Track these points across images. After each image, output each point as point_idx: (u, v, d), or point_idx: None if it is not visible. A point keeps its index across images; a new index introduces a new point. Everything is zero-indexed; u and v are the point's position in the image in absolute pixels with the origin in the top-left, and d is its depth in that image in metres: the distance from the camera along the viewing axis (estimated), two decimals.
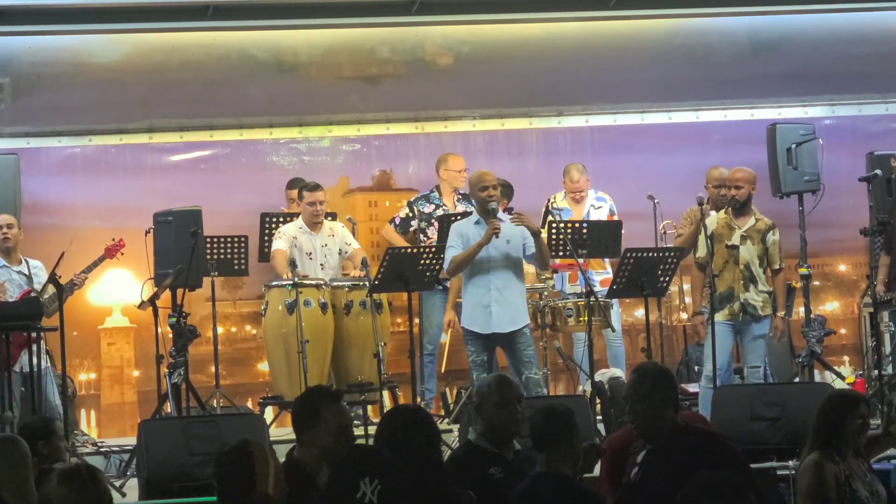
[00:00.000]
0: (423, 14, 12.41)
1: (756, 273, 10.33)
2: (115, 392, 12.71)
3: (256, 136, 13.01)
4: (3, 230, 10.49)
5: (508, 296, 9.71)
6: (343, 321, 10.02)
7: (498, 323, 9.68)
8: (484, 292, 9.68)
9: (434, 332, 11.40)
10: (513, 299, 9.74)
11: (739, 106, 13.35)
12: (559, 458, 5.86)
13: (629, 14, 12.70)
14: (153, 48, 12.45)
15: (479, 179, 9.88)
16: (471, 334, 9.73)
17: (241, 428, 8.83)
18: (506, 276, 9.73)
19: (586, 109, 13.30)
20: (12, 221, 10.62)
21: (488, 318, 9.67)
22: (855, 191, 11.97)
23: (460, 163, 11.78)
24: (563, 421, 5.92)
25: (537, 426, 5.91)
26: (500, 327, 9.68)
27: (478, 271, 9.72)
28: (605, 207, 11.66)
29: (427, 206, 11.71)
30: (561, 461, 5.86)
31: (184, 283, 10.16)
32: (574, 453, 5.91)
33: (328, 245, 10.39)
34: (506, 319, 9.69)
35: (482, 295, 9.69)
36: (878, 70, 13.13)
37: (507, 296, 9.70)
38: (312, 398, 5.69)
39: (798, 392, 9.42)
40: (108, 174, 12.77)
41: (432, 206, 11.71)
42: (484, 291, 9.69)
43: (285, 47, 12.68)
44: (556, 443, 5.86)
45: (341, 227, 10.69)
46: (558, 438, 5.87)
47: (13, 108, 12.31)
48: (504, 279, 9.72)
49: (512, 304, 9.72)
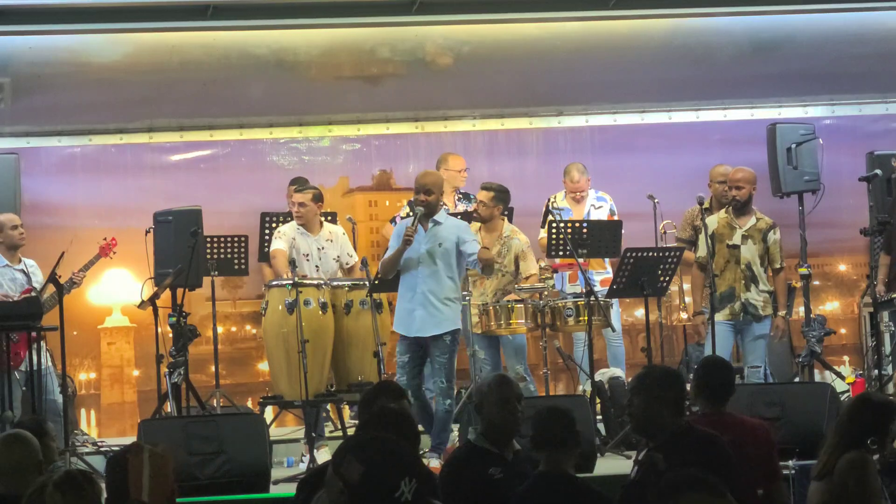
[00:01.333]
0: (423, 14, 12.40)
1: (757, 273, 10.34)
2: (115, 392, 12.71)
3: (256, 135, 13.01)
4: (18, 229, 10.53)
5: (436, 301, 9.49)
6: (343, 321, 10.02)
7: (421, 327, 9.48)
8: (411, 295, 9.51)
9: None
10: (439, 304, 9.49)
11: (739, 106, 13.36)
12: (562, 457, 5.87)
13: (629, 14, 12.70)
14: (153, 48, 12.45)
15: (416, 180, 9.68)
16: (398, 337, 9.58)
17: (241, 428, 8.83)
18: (434, 280, 9.49)
19: (586, 109, 13.30)
20: (20, 221, 10.68)
21: (412, 323, 9.50)
22: (855, 191, 11.98)
23: (461, 162, 11.77)
24: (567, 421, 5.94)
25: (540, 426, 5.92)
26: (422, 331, 9.47)
27: (408, 274, 9.54)
28: (606, 207, 11.66)
29: None
30: (564, 460, 5.88)
31: (184, 282, 10.16)
32: (577, 452, 5.93)
33: (325, 248, 10.35)
34: (430, 325, 9.49)
35: (409, 298, 9.53)
36: (878, 70, 13.13)
37: (433, 300, 9.49)
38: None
39: (798, 392, 9.42)
40: (108, 174, 12.78)
41: None
42: (410, 295, 9.52)
43: (285, 47, 12.68)
44: (560, 443, 5.88)
45: (342, 234, 10.66)
46: (561, 438, 5.88)
47: (13, 108, 12.31)
48: (433, 284, 9.49)
49: (437, 310, 9.47)
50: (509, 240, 10.82)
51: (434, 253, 9.51)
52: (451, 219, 9.87)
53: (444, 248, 9.53)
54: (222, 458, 8.56)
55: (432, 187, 9.60)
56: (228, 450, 8.57)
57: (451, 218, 9.89)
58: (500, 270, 10.75)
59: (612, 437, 9.91)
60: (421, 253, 9.51)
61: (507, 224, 10.91)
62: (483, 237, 10.80)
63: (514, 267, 10.78)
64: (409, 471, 4.06)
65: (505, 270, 10.78)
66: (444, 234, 9.57)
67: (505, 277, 10.76)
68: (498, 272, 10.72)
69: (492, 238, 10.82)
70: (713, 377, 6.56)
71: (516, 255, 10.78)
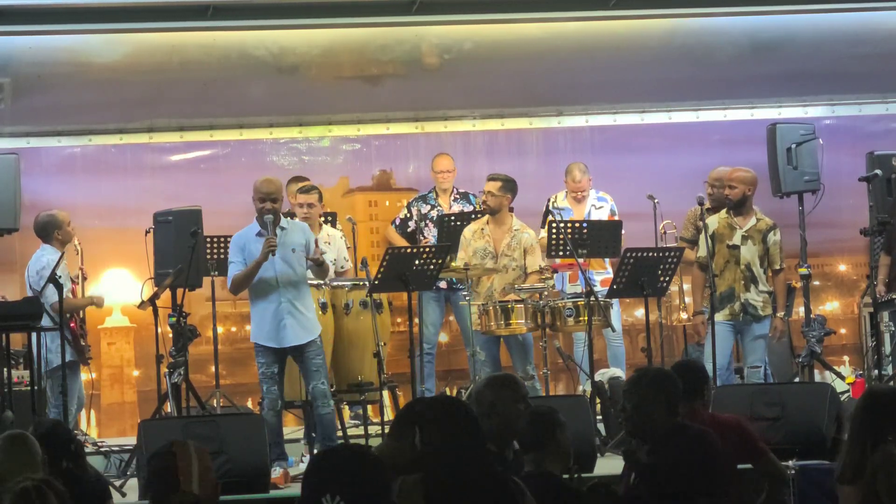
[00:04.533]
0: (423, 14, 12.40)
1: (757, 273, 10.34)
2: (115, 392, 12.71)
3: (256, 135, 13.01)
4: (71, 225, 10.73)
5: (300, 307, 9.32)
6: (343, 321, 10.02)
7: (293, 335, 9.28)
8: (276, 306, 9.28)
9: (430, 331, 11.41)
10: (304, 310, 9.34)
11: (739, 106, 13.36)
12: (545, 458, 5.91)
13: (629, 14, 12.70)
14: (153, 48, 12.45)
15: (258, 188, 9.35)
16: (262, 349, 9.33)
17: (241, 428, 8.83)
18: (295, 287, 9.32)
19: (586, 109, 13.31)
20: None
21: (282, 332, 9.29)
22: (855, 191, 11.97)
23: (443, 163, 11.80)
24: (545, 422, 5.97)
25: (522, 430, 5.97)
26: (295, 340, 9.28)
27: (266, 285, 9.30)
28: (606, 207, 11.66)
29: (424, 207, 11.75)
30: (548, 461, 5.91)
31: (184, 282, 10.16)
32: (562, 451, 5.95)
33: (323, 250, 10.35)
34: (302, 332, 9.30)
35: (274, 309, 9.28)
36: (878, 70, 13.13)
37: (299, 307, 9.32)
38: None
39: (798, 392, 9.40)
40: (108, 174, 12.78)
41: (428, 206, 11.75)
42: (275, 306, 9.29)
43: (285, 47, 12.68)
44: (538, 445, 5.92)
45: (340, 238, 10.65)
46: (542, 440, 5.91)
47: (13, 108, 12.31)
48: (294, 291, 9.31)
49: (304, 316, 9.33)
50: (519, 233, 10.84)
51: (289, 259, 9.30)
52: (293, 221, 9.68)
53: (298, 253, 9.33)
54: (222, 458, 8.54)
55: (277, 194, 9.38)
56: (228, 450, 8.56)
57: (292, 221, 9.69)
58: (509, 265, 10.76)
59: (611, 437, 9.91)
60: (278, 262, 9.26)
61: (515, 218, 10.94)
62: (492, 230, 10.81)
63: (523, 261, 10.79)
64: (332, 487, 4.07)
65: (514, 265, 10.78)
66: (294, 240, 9.36)
67: (514, 272, 10.77)
68: (507, 267, 10.74)
69: (501, 231, 10.83)
70: (684, 379, 6.59)
71: (525, 248, 10.80)
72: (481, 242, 10.83)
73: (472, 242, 10.83)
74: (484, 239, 10.83)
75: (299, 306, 9.31)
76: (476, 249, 10.80)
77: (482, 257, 10.76)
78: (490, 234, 10.82)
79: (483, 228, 10.88)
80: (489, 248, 10.80)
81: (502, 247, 10.78)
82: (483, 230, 10.87)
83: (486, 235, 10.83)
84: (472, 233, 10.90)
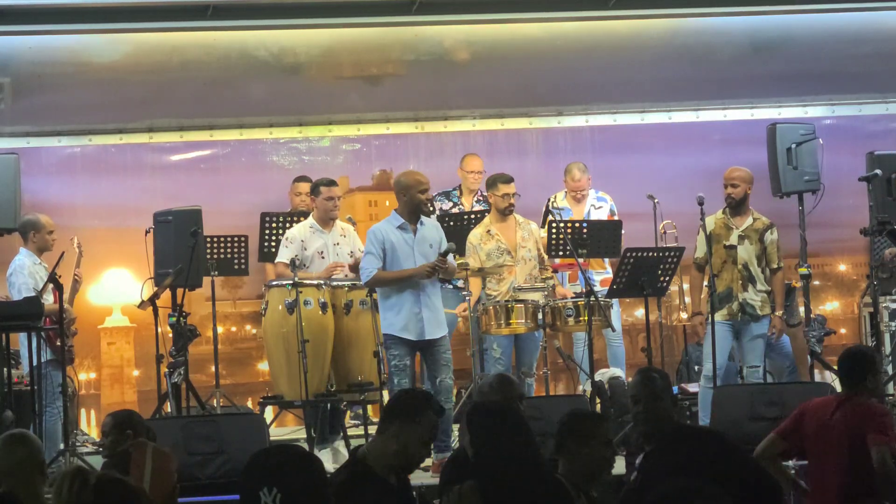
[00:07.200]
0: (423, 14, 12.41)
1: (754, 273, 10.34)
2: (115, 392, 12.71)
3: (256, 135, 13.01)
4: (53, 234, 10.62)
5: (436, 301, 9.69)
6: (343, 321, 10.02)
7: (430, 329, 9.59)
8: (413, 300, 9.58)
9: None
10: (439, 305, 9.72)
11: (739, 106, 13.36)
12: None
13: (629, 14, 12.71)
14: (153, 48, 12.45)
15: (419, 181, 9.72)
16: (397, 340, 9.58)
17: (241, 428, 8.83)
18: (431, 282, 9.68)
19: (586, 109, 13.31)
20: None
21: (420, 325, 9.58)
22: (855, 191, 11.96)
23: (475, 164, 11.77)
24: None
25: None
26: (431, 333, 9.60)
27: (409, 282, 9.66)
28: (606, 207, 11.66)
29: (446, 203, 11.73)
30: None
31: (184, 282, 10.16)
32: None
33: (340, 244, 10.34)
34: (437, 326, 9.64)
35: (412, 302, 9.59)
36: (878, 70, 13.13)
37: (434, 301, 9.67)
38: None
39: (798, 392, 9.42)
40: (108, 174, 12.78)
41: (451, 203, 11.73)
42: (414, 299, 9.59)
43: (285, 47, 12.68)
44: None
45: (353, 230, 10.68)
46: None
47: (13, 108, 12.32)
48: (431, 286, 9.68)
49: (439, 310, 9.70)
50: (527, 224, 10.84)
51: (426, 254, 9.65)
52: (427, 219, 9.95)
53: (434, 249, 9.67)
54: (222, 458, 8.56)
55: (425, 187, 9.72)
56: (228, 450, 8.57)
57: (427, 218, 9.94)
58: (526, 256, 10.75)
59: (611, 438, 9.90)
60: (420, 258, 9.61)
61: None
62: (500, 229, 10.77)
63: (535, 251, 10.78)
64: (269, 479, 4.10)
65: (530, 256, 10.78)
66: (432, 236, 9.73)
67: (531, 262, 10.76)
68: (524, 258, 10.74)
69: (509, 227, 10.79)
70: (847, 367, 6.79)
71: (536, 238, 10.81)
72: (492, 243, 10.76)
73: (483, 246, 10.74)
74: (494, 239, 10.76)
75: (435, 301, 9.66)
76: (489, 252, 10.72)
77: (498, 256, 10.72)
78: (499, 232, 10.77)
79: (489, 230, 10.80)
80: (503, 245, 10.75)
81: (517, 239, 10.75)
82: (490, 232, 10.79)
83: (494, 236, 10.77)
84: (478, 238, 10.80)
